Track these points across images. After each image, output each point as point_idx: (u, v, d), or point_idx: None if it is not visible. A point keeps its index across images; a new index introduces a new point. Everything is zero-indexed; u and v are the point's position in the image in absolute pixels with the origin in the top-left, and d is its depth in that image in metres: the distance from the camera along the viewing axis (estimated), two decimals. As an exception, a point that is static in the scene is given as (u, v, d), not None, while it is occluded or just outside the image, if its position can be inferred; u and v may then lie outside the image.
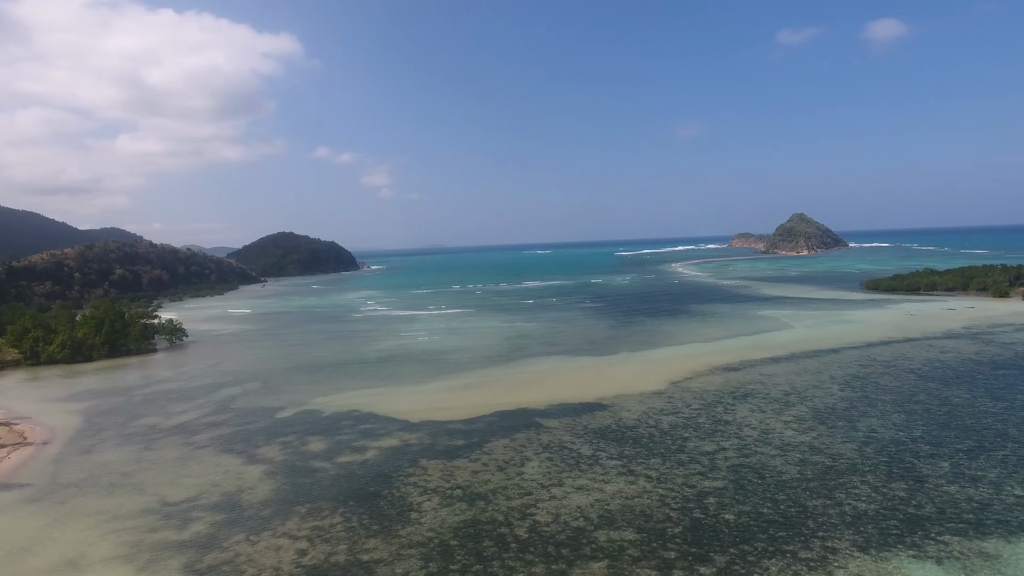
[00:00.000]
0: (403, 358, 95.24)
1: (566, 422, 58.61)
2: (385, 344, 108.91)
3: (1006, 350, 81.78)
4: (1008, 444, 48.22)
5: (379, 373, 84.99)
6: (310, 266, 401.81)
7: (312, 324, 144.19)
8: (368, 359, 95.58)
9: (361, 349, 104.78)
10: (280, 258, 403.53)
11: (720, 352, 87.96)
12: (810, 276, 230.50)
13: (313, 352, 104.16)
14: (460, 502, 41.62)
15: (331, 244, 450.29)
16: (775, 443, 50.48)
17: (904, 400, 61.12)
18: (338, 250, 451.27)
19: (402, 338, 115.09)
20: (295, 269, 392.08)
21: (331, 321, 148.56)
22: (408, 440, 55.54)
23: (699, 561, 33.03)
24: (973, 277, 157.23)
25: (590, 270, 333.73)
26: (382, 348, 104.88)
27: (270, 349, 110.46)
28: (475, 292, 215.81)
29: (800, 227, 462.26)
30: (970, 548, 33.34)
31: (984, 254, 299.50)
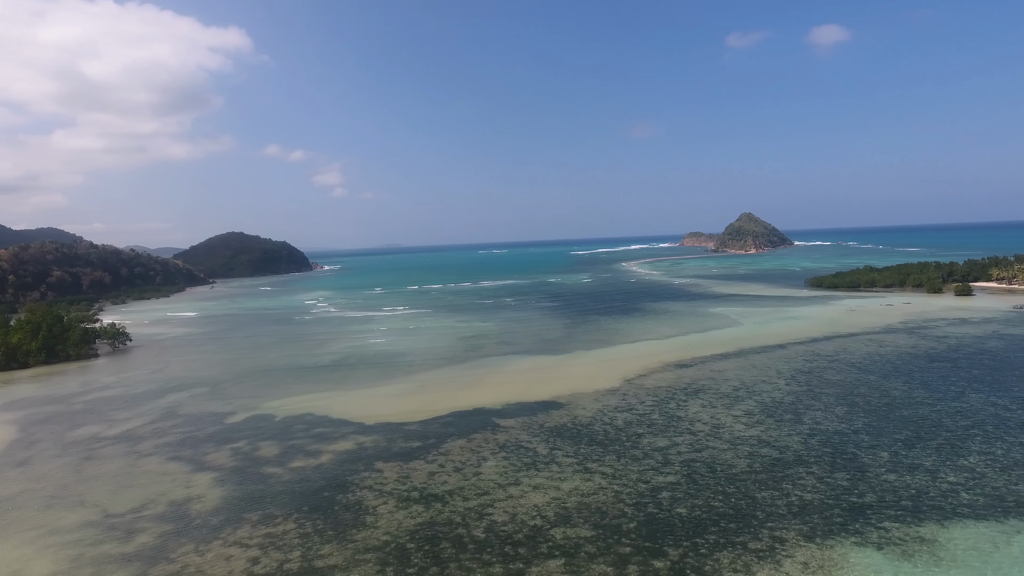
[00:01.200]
0: (358, 360, 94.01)
1: (522, 421, 58.86)
2: (339, 346, 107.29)
3: (940, 343, 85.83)
4: (942, 433, 50.65)
5: (333, 375, 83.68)
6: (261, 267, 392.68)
7: (263, 326, 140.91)
8: (322, 361, 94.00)
9: (314, 351, 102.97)
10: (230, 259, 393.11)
11: (672, 349, 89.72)
12: (758, 274, 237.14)
13: (264, 355, 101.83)
14: (417, 504, 41.38)
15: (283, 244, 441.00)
16: (725, 437, 51.80)
17: (846, 393, 63.52)
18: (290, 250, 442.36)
19: (357, 339, 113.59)
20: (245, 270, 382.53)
21: (283, 323, 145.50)
22: (363, 443, 54.88)
23: (653, 555, 33.66)
24: (909, 274, 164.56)
25: (546, 269, 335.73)
26: (336, 350, 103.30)
27: (219, 353, 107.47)
28: (431, 292, 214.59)
29: (748, 226, 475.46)
30: (908, 533, 34.91)
31: (919, 252, 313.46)
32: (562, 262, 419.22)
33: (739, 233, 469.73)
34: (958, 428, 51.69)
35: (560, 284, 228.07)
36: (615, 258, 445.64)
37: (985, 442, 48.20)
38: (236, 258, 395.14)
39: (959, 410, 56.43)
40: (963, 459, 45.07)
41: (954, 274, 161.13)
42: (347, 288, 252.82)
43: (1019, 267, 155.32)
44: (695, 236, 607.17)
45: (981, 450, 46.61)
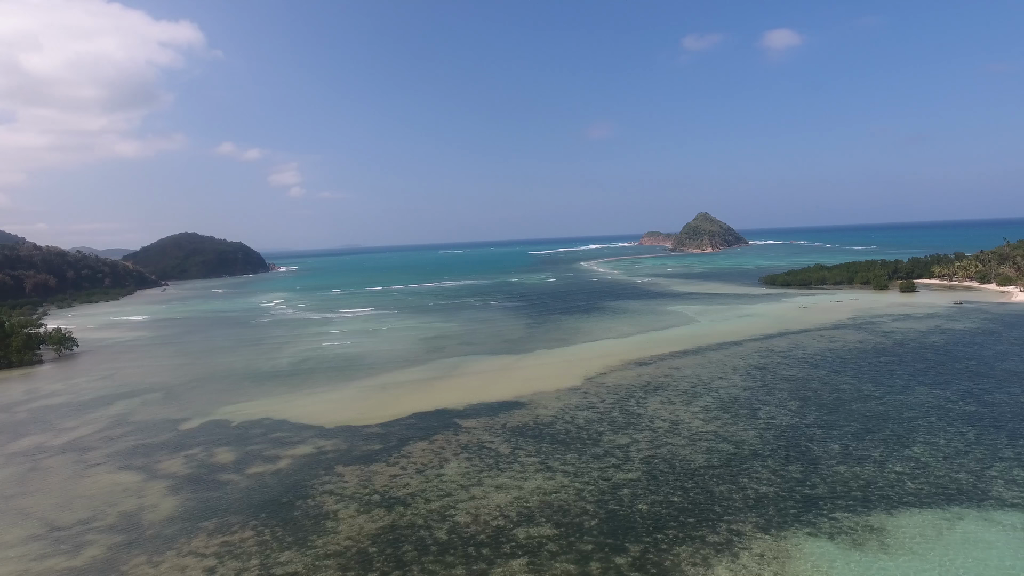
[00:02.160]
0: (317, 362, 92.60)
1: (484, 421, 58.89)
2: (298, 348, 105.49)
3: (886, 338, 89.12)
4: (889, 425, 52.63)
5: (292, 379, 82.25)
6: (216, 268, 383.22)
7: (218, 329, 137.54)
8: (280, 365, 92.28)
9: (272, 354, 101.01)
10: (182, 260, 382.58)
11: (632, 347, 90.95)
12: (714, 272, 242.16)
13: (220, 359, 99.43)
14: (378, 508, 41.02)
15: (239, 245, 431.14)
16: (684, 433, 52.80)
17: (799, 388, 65.42)
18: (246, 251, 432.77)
19: (316, 342, 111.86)
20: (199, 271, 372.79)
21: (239, 326, 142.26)
22: (323, 447, 54.11)
23: (615, 552, 34.10)
24: (857, 272, 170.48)
25: (506, 269, 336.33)
26: (294, 353, 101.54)
27: (172, 357, 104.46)
28: (392, 293, 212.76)
29: (704, 226, 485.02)
30: (858, 523, 36.18)
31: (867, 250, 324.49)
32: (523, 262, 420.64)
33: (696, 232, 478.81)
34: (904, 420, 53.79)
35: (521, 284, 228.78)
36: (575, 257, 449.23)
37: (929, 433, 50.28)
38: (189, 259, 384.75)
39: (904, 403, 58.71)
40: (908, 450, 46.92)
41: (899, 271, 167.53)
42: (306, 289, 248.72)
43: (959, 264, 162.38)
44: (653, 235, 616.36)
45: (925, 441, 48.60)
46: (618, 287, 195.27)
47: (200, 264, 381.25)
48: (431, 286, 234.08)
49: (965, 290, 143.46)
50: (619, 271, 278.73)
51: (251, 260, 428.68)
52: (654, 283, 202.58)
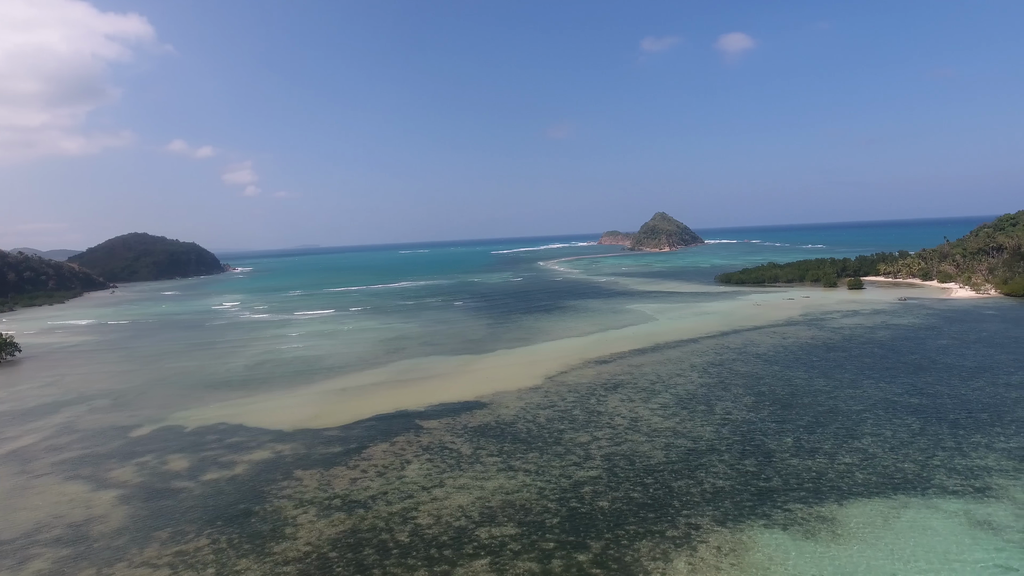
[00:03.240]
0: (274, 365, 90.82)
1: (446, 422, 58.71)
2: (254, 351, 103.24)
3: (836, 334, 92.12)
4: (839, 418, 54.45)
5: (248, 382, 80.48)
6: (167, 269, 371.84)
7: (170, 332, 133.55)
8: (235, 368, 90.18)
9: (227, 358, 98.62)
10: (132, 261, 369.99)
11: (592, 346, 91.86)
12: (671, 271, 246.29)
13: (172, 363, 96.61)
14: (339, 512, 40.51)
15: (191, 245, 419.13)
16: (643, 430, 53.61)
17: (753, 383, 67.11)
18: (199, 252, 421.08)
19: (273, 344, 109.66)
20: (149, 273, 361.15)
21: (192, 328, 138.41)
22: (281, 451, 53.13)
23: (576, 549, 34.44)
24: (808, 270, 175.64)
25: (467, 269, 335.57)
26: (251, 355, 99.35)
27: (121, 362, 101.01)
28: (351, 294, 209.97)
29: (662, 225, 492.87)
30: (810, 513, 37.36)
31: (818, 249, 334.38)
32: (484, 261, 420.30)
33: (654, 232, 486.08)
34: (852, 413, 55.71)
35: (482, 283, 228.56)
36: (535, 257, 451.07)
37: (876, 425, 52.20)
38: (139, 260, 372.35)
39: (853, 396, 60.82)
40: (857, 441, 48.63)
41: (847, 269, 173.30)
42: (262, 291, 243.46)
43: (903, 262, 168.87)
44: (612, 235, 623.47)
45: (873, 432, 50.44)
46: (578, 286, 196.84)
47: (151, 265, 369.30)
48: (391, 287, 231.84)
49: (909, 287, 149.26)
50: (579, 270, 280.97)
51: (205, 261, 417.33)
52: (613, 282, 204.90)
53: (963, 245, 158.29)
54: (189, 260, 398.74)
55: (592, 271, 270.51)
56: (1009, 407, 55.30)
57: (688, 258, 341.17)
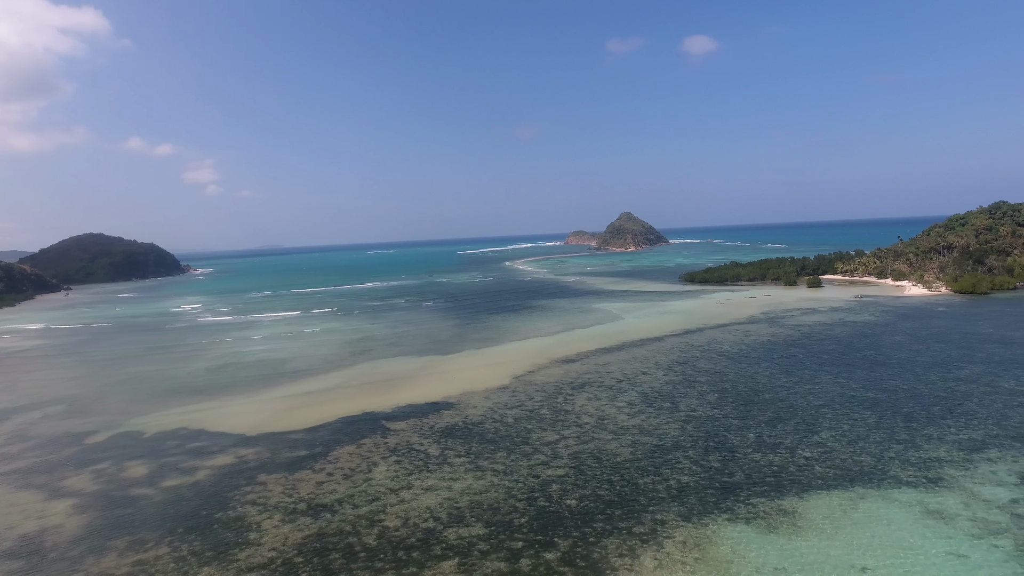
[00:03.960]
0: (237, 368, 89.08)
1: (413, 423, 58.39)
2: (216, 354, 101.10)
3: (795, 331, 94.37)
4: (799, 413, 55.81)
5: (210, 386, 78.78)
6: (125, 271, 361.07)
7: (128, 336, 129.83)
8: (196, 372, 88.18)
9: (188, 361, 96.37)
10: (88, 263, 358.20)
11: (559, 345, 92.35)
12: (637, 271, 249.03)
13: (130, 368, 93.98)
14: (304, 516, 39.96)
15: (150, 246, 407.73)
16: (610, 428, 54.14)
17: (717, 380, 68.32)
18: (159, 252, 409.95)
19: (236, 347, 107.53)
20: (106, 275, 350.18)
21: (151, 331, 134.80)
22: (245, 456, 52.17)
23: (545, 548, 34.62)
24: (769, 268, 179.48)
25: (434, 269, 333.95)
26: (213, 358, 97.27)
27: (76, 367, 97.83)
28: (316, 295, 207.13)
29: (628, 225, 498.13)
30: (772, 507, 38.22)
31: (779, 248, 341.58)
32: (451, 262, 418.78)
33: (620, 232, 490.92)
34: (812, 408, 57.16)
35: (449, 284, 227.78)
36: (503, 257, 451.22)
37: (834, 419, 53.66)
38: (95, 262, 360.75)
39: (813, 391, 62.40)
40: (816, 435, 49.92)
41: (807, 268, 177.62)
42: (224, 292, 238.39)
43: (859, 261, 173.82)
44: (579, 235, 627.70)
45: (831, 427, 51.84)
46: (545, 286, 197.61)
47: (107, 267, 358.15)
48: (358, 287, 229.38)
49: (865, 285, 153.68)
50: (546, 270, 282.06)
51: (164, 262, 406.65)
52: (580, 282, 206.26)
53: (916, 244, 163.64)
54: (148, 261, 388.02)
55: (559, 271, 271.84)
56: (959, 400, 57.39)
57: (653, 257, 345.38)
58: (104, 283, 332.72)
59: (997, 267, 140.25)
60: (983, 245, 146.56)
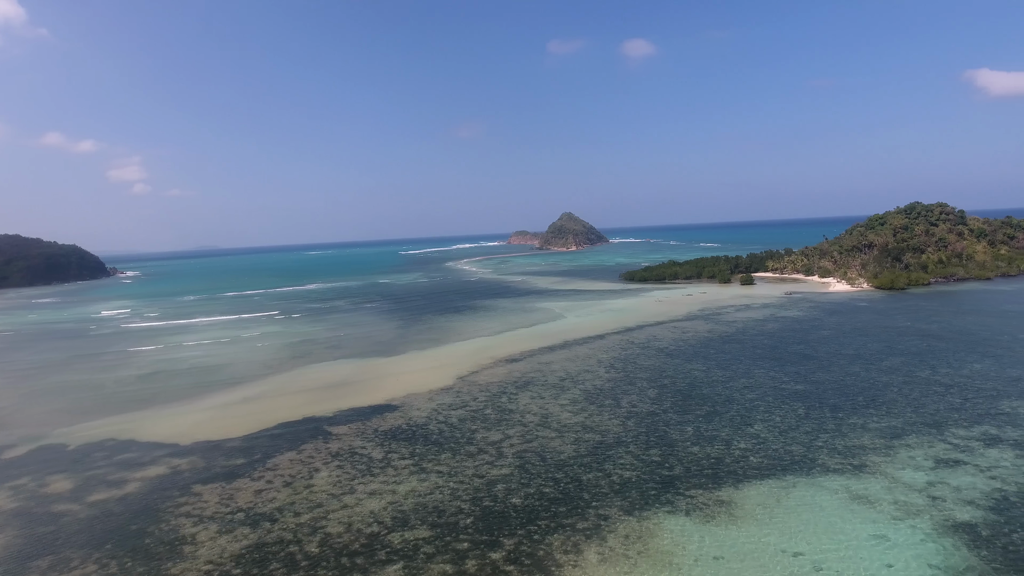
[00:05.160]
0: (170, 375, 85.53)
1: (356, 427, 57.49)
2: (146, 361, 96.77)
3: (730, 327, 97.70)
4: (733, 407, 57.84)
5: (140, 394, 75.38)
6: (44, 274, 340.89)
7: (48, 343, 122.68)
8: (125, 380, 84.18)
9: (115, 369, 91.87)
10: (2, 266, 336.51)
11: (502, 344, 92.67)
12: (578, 270, 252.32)
13: (51, 377, 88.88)
14: (242, 526, 38.78)
15: (72, 248, 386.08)
16: (554, 426, 54.73)
17: (657, 377, 70.03)
18: (82, 255, 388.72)
19: (168, 353, 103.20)
20: (23, 279, 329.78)
21: (74, 338, 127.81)
22: (178, 466, 50.19)
23: (490, 548, 34.73)
24: (705, 267, 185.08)
25: (376, 270, 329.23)
26: (143, 365, 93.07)
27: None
28: (253, 298, 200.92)
29: (569, 225, 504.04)
30: (710, 498, 39.49)
31: (714, 247, 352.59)
32: (393, 262, 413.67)
33: (561, 231, 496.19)
34: (746, 400, 59.34)
35: (392, 284, 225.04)
36: (445, 257, 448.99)
37: (767, 411, 55.87)
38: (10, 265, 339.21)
39: (747, 385, 64.76)
40: (750, 427, 51.86)
41: (740, 266, 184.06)
42: (154, 296, 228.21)
43: (788, 259, 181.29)
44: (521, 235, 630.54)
45: (764, 419, 53.96)
46: (488, 286, 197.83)
47: (24, 270, 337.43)
48: (297, 289, 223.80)
49: (794, 282, 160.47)
50: (489, 270, 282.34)
51: (88, 265, 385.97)
52: (523, 281, 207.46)
53: (839, 243, 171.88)
54: (69, 264, 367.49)
55: (502, 270, 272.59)
56: (880, 390, 60.71)
57: (594, 257, 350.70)
58: (21, 287, 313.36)
59: (913, 264, 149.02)
60: (900, 244, 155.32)
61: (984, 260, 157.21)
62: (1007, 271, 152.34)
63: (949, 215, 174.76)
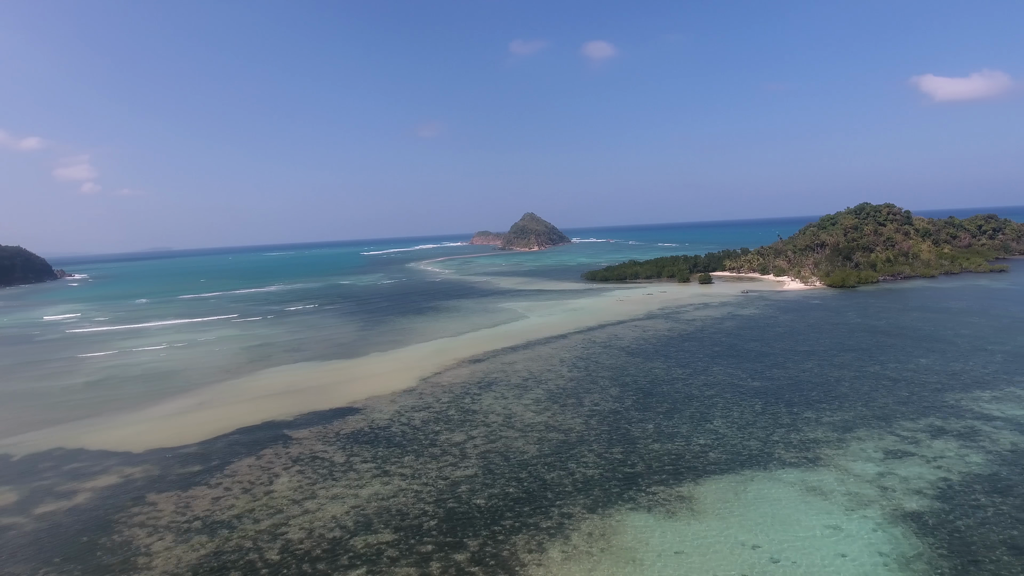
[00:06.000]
0: (121, 380, 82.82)
1: (317, 431, 56.66)
2: (96, 366, 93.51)
3: (689, 326, 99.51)
4: (693, 403, 58.94)
5: (90, 401, 72.80)
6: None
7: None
8: (73, 387, 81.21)
9: (63, 376, 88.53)
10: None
11: (465, 345, 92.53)
12: (541, 270, 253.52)
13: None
14: (199, 535, 37.84)
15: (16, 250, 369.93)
16: (517, 426, 54.91)
17: (618, 375, 70.87)
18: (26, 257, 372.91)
19: (120, 358, 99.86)
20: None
21: (18, 344, 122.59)
22: (131, 474, 48.68)
23: (454, 549, 34.66)
24: (664, 266, 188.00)
25: (337, 271, 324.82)
26: (92, 371, 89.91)
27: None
28: (209, 300, 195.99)
29: (531, 225, 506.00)
30: (671, 494, 40.17)
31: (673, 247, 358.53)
32: (354, 263, 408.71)
33: (523, 232, 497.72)
34: (705, 397, 60.54)
35: (353, 286, 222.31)
36: (407, 258, 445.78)
37: (725, 407, 57.10)
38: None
39: (706, 382, 66.06)
40: (710, 423, 52.93)
41: (698, 265, 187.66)
42: (104, 299, 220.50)
43: (745, 258, 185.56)
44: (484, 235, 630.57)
45: (723, 414, 55.14)
46: (451, 286, 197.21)
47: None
48: (255, 292, 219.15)
49: (750, 281, 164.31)
50: (451, 270, 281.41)
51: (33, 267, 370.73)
52: (485, 281, 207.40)
53: (793, 243, 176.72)
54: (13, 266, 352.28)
55: (465, 271, 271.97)
56: (833, 385, 62.67)
57: (556, 257, 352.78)
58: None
59: (862, 263, 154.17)
60: (851, 243, 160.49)
61: (929, 259, 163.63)
62: (950, 269, 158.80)
63: (896, 215, 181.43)
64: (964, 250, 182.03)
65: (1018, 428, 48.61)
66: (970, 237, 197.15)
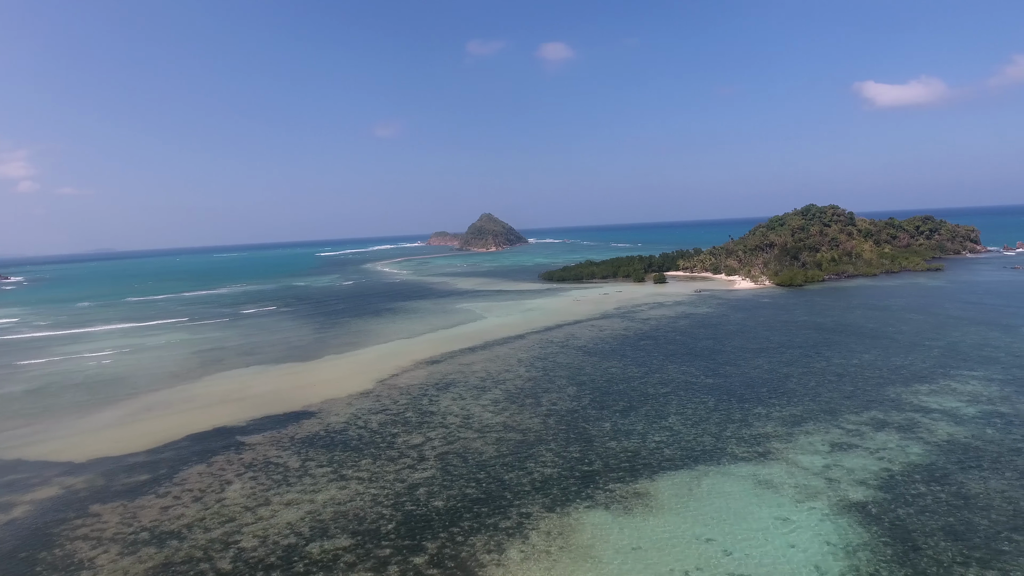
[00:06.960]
0: (62, 388, 79.44)
1: (271, 436, 55.49)
2: (35, 373, 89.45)
3: (645, 325, 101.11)
4: (649, 401, 59.93)
5: (28, 410, 69.62)
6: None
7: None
8: (11, 395, 77.51)
9: (0, 383, 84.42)
10: None
11: (423, 346, 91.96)
12: (498, 270, 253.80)
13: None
14: (147, 546, 36.62)
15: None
16: (475, 427, 54.86)
17: (575, 374, 71.51)
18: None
19: (61, 365, 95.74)
20: None
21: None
22: (73, 485, 46.78)
23: (412, 552, 34.43)
24: (620, 266, 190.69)
25: (291, 272, 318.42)
26: (31, 379, 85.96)
27: None
28: (157, 303, 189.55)
29: (489, 226, 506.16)
30: (627, 491, 40.76)
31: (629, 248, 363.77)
32: (309, 264, 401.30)
33: (481, 232, 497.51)
34: (660, 395, 61.62)
35: (308, 287, 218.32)
36: (364, 258, 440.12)
37: (680, 405, 58.24)
38: None
39: (661, 380, 67.25)
40: (664, 420, 53.91)
41: (653, 265, 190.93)
42: (44, 303, 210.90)
43: (698, 258, 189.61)
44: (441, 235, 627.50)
45: (677, 411, 56.23)
46: (408, 287, 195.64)
47: None
48: (206, 294, 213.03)
49: (703, 280, 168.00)
50: (408, 271, 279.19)
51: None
52: (443, 282, 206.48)
53: (744, 243, 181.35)
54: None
55: (422, 272, 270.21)
56: (781, 381, 64.59)
57: (514, 257, 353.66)
58: None
59: (809, 262, 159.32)
60: (798, 243, 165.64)
61: (871, 258, 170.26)
62: (890, 268, 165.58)
63: (840, 216, 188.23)
64: (903, 250, 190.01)
65: (954, 419, 51.03)
66: (909, 237, 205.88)
